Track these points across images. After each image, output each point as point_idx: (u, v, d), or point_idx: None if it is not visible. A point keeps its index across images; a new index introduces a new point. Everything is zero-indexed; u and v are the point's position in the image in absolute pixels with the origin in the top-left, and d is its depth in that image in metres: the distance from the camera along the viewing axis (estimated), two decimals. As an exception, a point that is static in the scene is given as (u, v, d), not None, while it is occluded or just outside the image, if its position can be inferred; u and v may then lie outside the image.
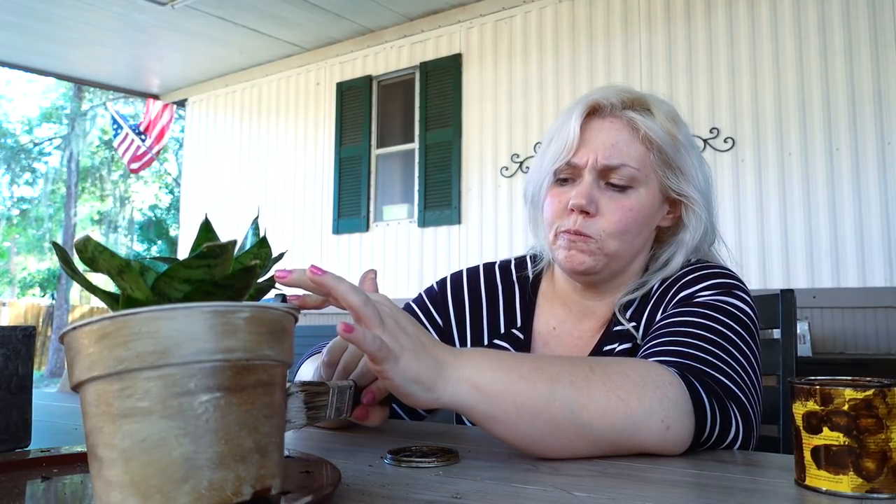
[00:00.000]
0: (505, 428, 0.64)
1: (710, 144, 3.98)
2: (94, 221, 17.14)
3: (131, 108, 12.98)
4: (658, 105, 0.93)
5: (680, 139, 0.92)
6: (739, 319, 0.83)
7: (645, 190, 0.90)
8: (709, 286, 0.87)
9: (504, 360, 0.65)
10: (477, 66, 4.94)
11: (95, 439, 0.41)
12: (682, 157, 0.92)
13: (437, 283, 1.08)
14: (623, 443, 0.67)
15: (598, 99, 0.91)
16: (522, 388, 0.63)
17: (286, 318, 0.45)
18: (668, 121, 0.91)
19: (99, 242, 0.43)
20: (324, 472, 0.54)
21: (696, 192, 0.93)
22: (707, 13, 4.08)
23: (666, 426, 0.67)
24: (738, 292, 0.87)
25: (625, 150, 0.89)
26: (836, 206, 3.63)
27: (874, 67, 3.59)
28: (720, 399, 0.73)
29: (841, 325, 3.60)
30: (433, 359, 0.62)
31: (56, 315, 14.09)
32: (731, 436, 0.73)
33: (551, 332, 1.00)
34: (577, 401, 0.64)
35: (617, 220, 0.89)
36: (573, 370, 0.66)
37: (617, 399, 0.66)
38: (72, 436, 0.85)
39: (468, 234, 4.78)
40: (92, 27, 5.31)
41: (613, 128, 0.90)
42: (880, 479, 0.52)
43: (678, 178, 0.92)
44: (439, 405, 0.63)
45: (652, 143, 0.90)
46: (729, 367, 0.77)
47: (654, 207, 0.92)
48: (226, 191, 6.30)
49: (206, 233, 0.60)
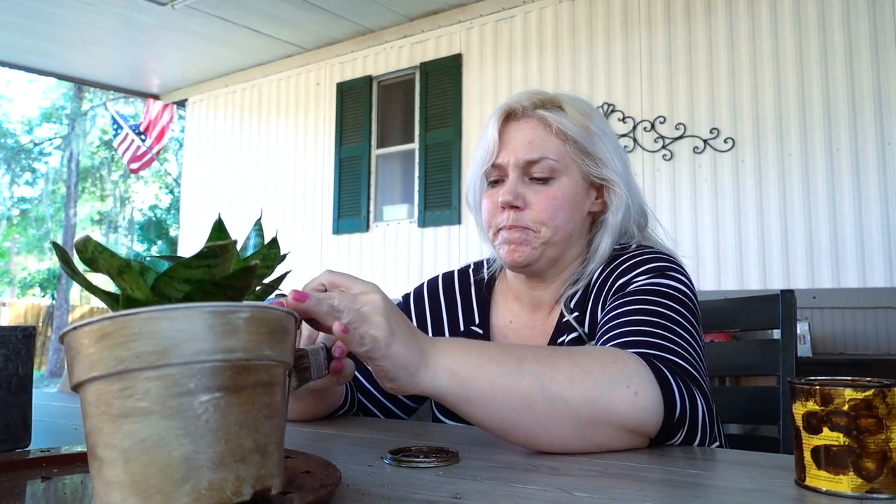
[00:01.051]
0: (481, 409, 0.67)
1: (710, 144, 3.98)
2: (94, 221, 17.14)
3: (131, 108, 12.98)
4: (570, 102, 1.00)
5: (592, 129, 0.99)
6: (677, 299, 0.87)
7: (567, 178, 0.97)
8: (643, 271, 0.92)
9: (474, 347, 0.70)
10: (477, 66, 4.94)
11: (95, 439, 0.41)
12: (596, 145, 0.99)
13: (402, 297, 1.16)
14: (597, 415, 0.68)
15: (511, 104, 1.00)
16: (493, 369, 0.67)
17: (286, 319, 0.45)
18: (579, 114, 0.99)
19: (99, 242, 0.43)
20: (324, 472, 0.54)
21: (615, 175, 0.99)
22: (707, 13, 4.08)
23: (633, 391, 0.70)
24: (672, 273, 0.91)
25: (541, 145, 0.97)
26: (836, 206, 3.63)
27: (874, 67, 3.59)
28: (680, 376, 0.76)
29: (841, 326, 3.60)
30: (418, 346, 0.65)
31: (56, 315, 14.08)
32: (700, 412, 0.75)
33: (508, 325, 1.06)
34: (544, 374, 0.68)
35: (544, 209, 0.95)
36: (537, 351, 0.71)
37: (581, 370, 0.69)
38: (72, 436, 0.85)
39: (468, 234, 4.78)
40: (92, 27, 5.31)
41: (528, 127, 0.98)
42: (880, 479, 0.52)
43: (596, 164, 0.99)
44: (417, 391, 0.66)
45: (566, 136, 0.97)
46: (679, 346, 0.81)
47: (579, 194, 0.98)
48: (226, 191, 6.30)
49: (219, 233, 0.60)
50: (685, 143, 4.07)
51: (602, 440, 0.69)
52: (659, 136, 4.15)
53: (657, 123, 4.15)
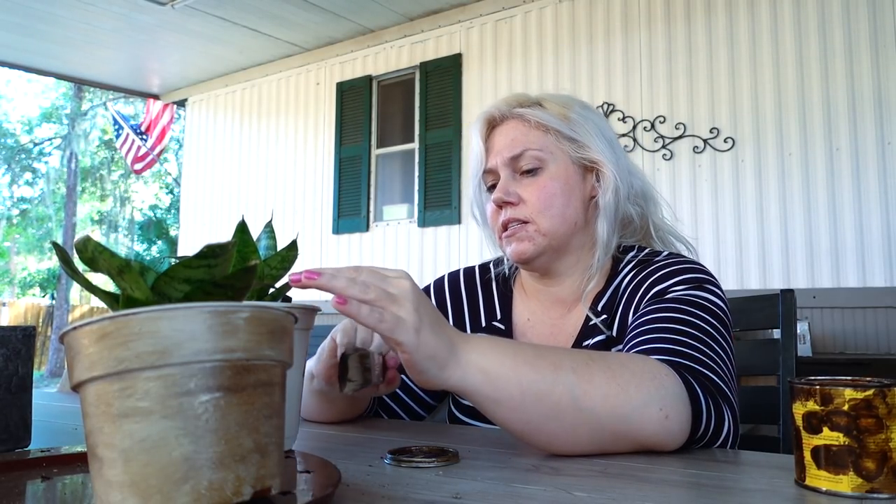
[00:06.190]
0: (509, 412, 0.65)
1: (710, 144, 3.98)
2: (95, 221, 17.14)
3: (131, 108, 12.98)
4: (548, 98, 1.03)
5: (573, 116, 1.01)
6: (715, 314, 0.86)
7: (555, 166, 0.99)
8: (681, 281, 0.90)
9: (509, 346, 0.68)
10: (477, 66, 4.94)
11: (95, 439, 0.41)
12: (578, 131, 1.00)
13: (423, 288, 1.13)
14: (623, 431, 0.67)
15: (490, 112, 1.03)
16: (527, 372, 0.65)
17: (286, 319, 0.45)
18: (558, 106, 1.01)
19: (99, 242, 0.43)
20: (324, 472, 0.54)
21: (601, 155, 1.00)
22: (707, 13, 4.08)
23: (665, 415, 0.68)
24: (709, 286, 0.90)
25: (522, 140, 0.99)
26: (836, 206, 3.63)
27: (874, 67, 3.59)
28: (712, 394, 0.75)
29: (841, 325, 3.60)
30: (448, 338, 0.64)
31: (56, 315, 14.08)
32: (724, 430, 0.74)
33: (526, 323, 1.05)
34: (579, 386, 0.66)
35: (538, 199, 0.97)
36: (574, 358, 0.69)
37: (617, 386, 0.67)
38: (72, 436, 0.85)
39: (468, 234, 4.78)
40: (92, 27, 5.31)
41: (509, 127, 1.01)
42: (880, 479, 0.52)
43: (582, 148, 1.00)
44: (447, 386, 0.64)
45: (547, 127, 0.99)
46: (714, 362, 0.80)
47: (571, 178, 0.99)
48: (226, 191, 6.30)
49: (242, 234, 0.60)
50: (685, 143, 4.07)
51: (619, 450, 0.69)
52: (659, 135, 4.14)
53: (657, 123, 4.15)
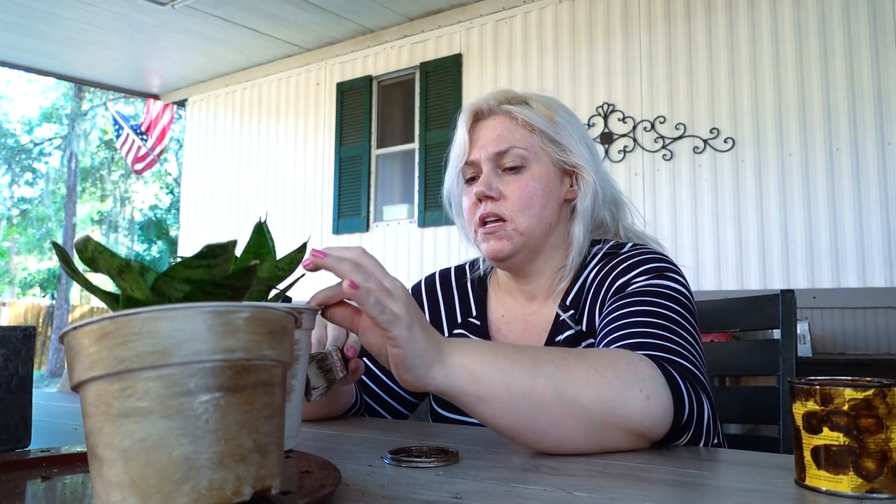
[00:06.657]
0: (496, 409, 0.66)
1: (710, 144, 3.98)
2: (95, 221, 17.14)
3: (131, 108, 12.98)
4: (536, 98, 1.04)
5: (558, 120, 1.02)
6: (679, 301, 0.89)
7: (538, 166, 1.00)
8: (642, 272, 0.93)
9: (489, 346, 0.70)
10: (477, 66, 4.94)
11: (95, 439, 0.41)
12: (562, 134, 1.02)
13: None
14: (609, 419, 0.68)
15: (478, 104, 1.04)
16: (509, 368, 0.66)
17: (286, 318, 0.45)
18: (544, 107, 1.02)
19: (99, 242, 0.43)
20: (324, 472, 0.54)
21: (582, 161, 1.02)
22: (707, 14, 4.08)
23: (645, 396, 0.70)
24: (670, 274, 0.92)
25: (509, 136, 1.00)
26: (836, 206, 3.63)
27: (874, 67, 3.59)
28: (688, 379, 0.77)
29: (841, 326, 3.60)
30: (435, 340, 0.65)
31: (56, 315, 14.08)
32: (706, 414, 0.76)
33: (501, 319, 1.07)
34: (559, 376, 0.67)
35: (519, 197, 0.98)
36: (551, 353, 0.71)
37: (595, 373, 0.69)
38: (72, 436, 0.85)
39: (468, 234, 4.78)
40: (92, 27, 5.31)
41: (496, 122, 1.02)
42: (880, 479, 0.52)
43: (564, 152, 1.02)
44: (432, 387, 0.65)
45: (533, 126, 1.00)
46: (683, 349, 0.82)
47: (551, 181, 1.01)
48: (226, 191, 6.30)
49: (259, 235, 0.61)
50: (685, 143, 4.07)
51: (610, 442, 0.70)
52: (659, 136, 4.14)
53: (657, 123, 4.15)
